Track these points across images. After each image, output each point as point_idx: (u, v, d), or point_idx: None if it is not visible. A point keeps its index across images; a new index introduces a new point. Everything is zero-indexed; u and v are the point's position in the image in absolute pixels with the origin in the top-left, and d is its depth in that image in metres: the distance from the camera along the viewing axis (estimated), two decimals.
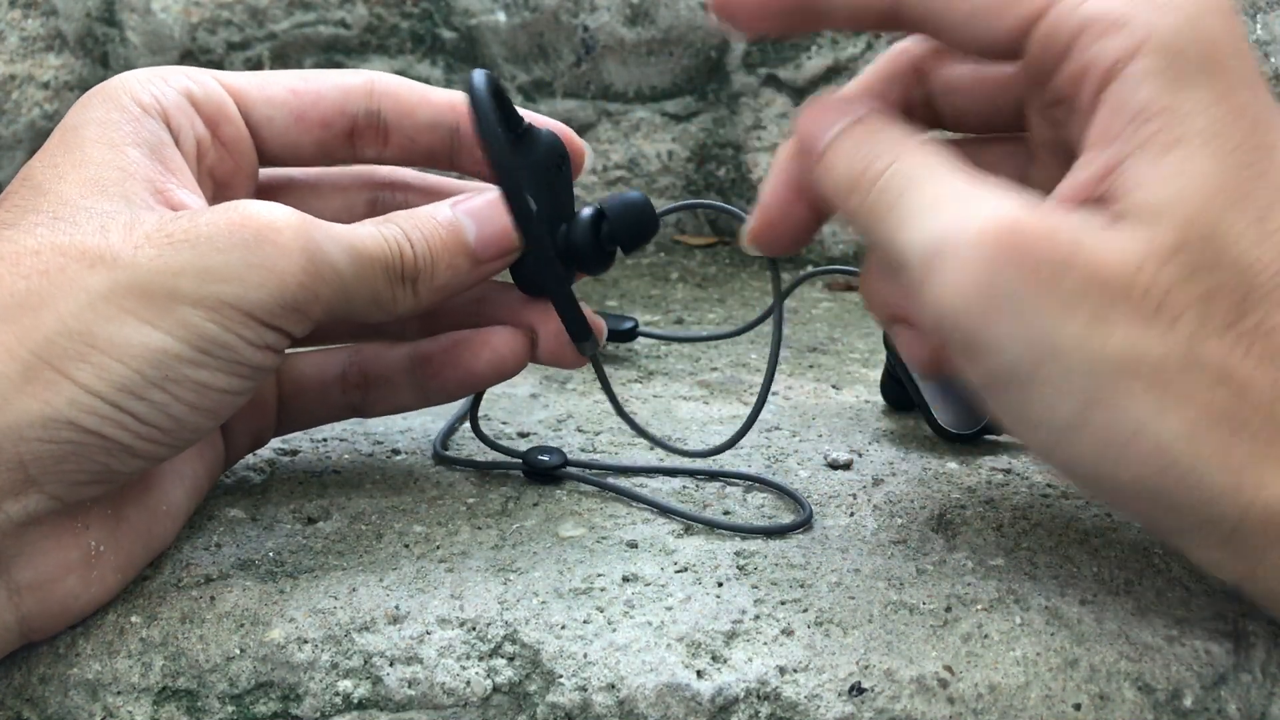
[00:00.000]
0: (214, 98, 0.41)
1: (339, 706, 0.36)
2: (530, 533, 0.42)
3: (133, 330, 0.34)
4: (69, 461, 0.34)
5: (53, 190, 0.36)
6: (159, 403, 0.34)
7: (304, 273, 0.35)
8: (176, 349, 0.34)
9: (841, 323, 0.69)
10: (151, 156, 0.38)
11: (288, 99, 0.42)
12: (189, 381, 0.35)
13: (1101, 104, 0.33)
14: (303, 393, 0.45)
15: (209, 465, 0.43)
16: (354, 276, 0.37)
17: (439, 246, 0.39)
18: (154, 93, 0.39)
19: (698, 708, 0.35)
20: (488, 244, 0.40)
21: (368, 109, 0.42)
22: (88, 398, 0.33)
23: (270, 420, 0.45)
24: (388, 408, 0.45)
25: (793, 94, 0.81)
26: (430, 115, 0.43)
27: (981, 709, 0.35)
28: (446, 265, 0.39)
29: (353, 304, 0.37)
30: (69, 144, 0.38)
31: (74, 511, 0.36)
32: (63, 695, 0.37)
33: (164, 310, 0.34)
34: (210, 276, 0.34)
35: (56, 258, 0.34)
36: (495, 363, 0.43)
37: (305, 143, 0.42)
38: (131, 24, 0.81)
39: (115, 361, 0.33)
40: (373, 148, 0.43)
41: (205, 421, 0.36)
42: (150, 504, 0.39)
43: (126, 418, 0.34)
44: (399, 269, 0.38)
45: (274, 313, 0.35)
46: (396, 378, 0.44)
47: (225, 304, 0.34)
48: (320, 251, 0.36)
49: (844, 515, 0.43)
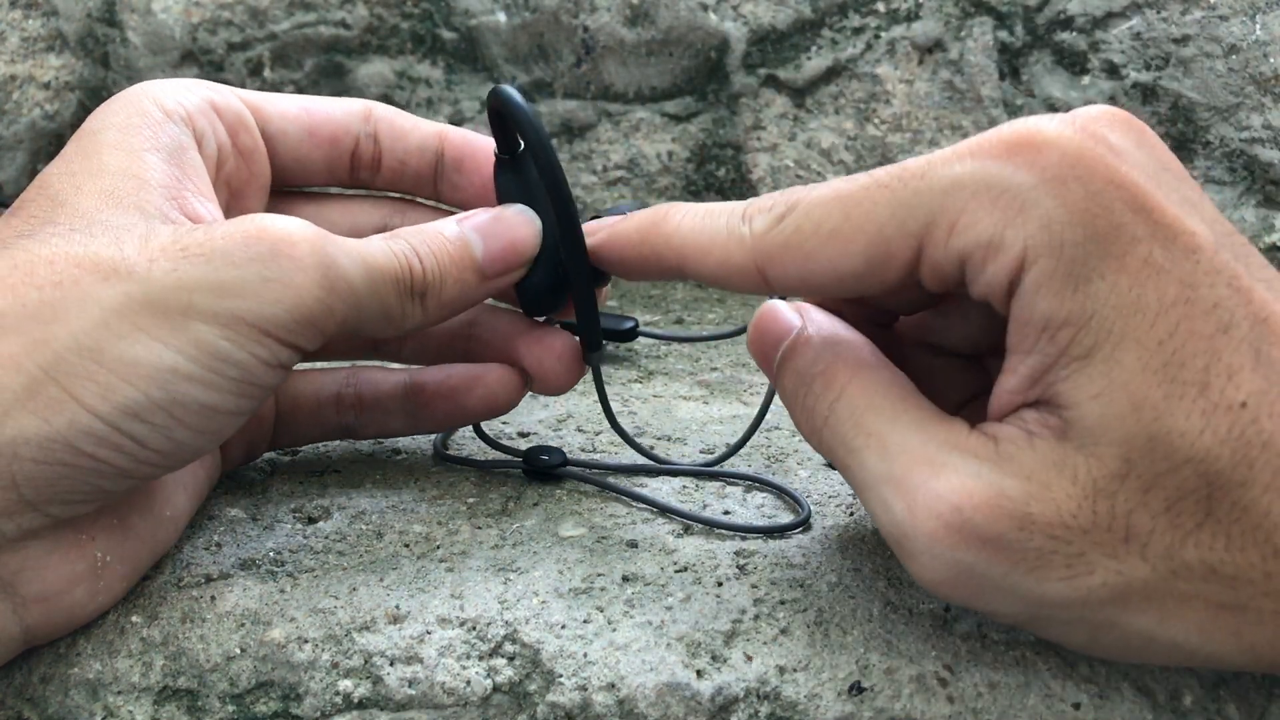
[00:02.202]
0: (233, 107, 0.42)
1: (339, 706, 0.36)
2: (530, 532, 0.42)
3: (143, 349, 0.33)
4: (62, 484, 0.34)
5: (69, 202, 0.36)
6: (161, 426, 0.34)
7: (320, 287, 0.35)
8: (186, 368, 0.34)
9: None
10: (170, 162, 0.38)
11: (300, 115, 0.43)
12: (195, 404, 0.34)
13: (1012, 318, 0.32)
14: (299, 410, 0.45)
15: (209, 471, 0.43)
16: (367, 291, 0.37)
17: (447, 261, 0.39)
18: (178, 98, 0.40)
19: (697, 707, 0.35)
20: (495, 259, 0.40)
21: (365, 131, 0.44)
22: (89, 419, 0.33)
23: (266, 434, 0.45)
24: (378, 430, 0.46)
25: (792, 94, 0.81)
26: (419, 139, 0.44)
27: (981, 708, 0.35)
28: (455, 280, 0.39)
29: (364, 318, 0.37)
30: (87, 150, 0.38)
31: (78, 524, 0.36)
32: (63, 695, 0.37)
33: (178, 327, 0.34)
34: (226, 292, 0.34)
35: (71, 269, 0.34)
36: (488, 399, 0.44)
37: (315, 158, 0.44)
38: (132, 24, 0.81)
39: (122, 382, 0.33)
40: (367, 170, 0.44)
41: (205, 444, 0.36)
42: (155, 511, 0.39)
43: (126, 441, 0.34)
44: (409, 283, 0.38)
45: (289, 328, 0.35)
46: (390, 403, 0.45)
47: (240, 320, 0.34)
48: (335, 266, 0.36)
49: (844, 515, 0.43)
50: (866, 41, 0.80)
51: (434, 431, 0.47)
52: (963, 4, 0.80)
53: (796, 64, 0.81)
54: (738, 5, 0.80)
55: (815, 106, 0.81)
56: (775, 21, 0.80)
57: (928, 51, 0.80)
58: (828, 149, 0.81)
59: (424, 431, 0.47)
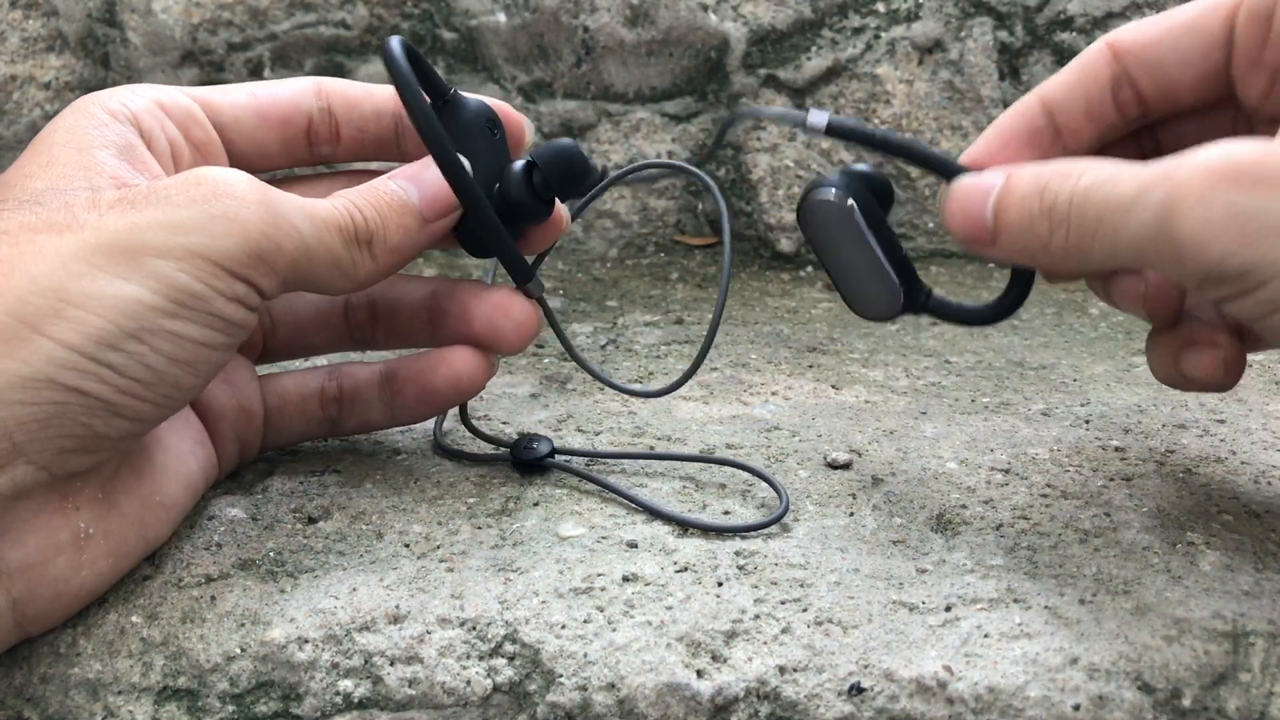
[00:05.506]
0: (181, 104, 0.43)
1: (339, 706, 0.36)
2: (530, 533, 0.42)
3: (105, 284, 0.35)
4: (53, 425, 0.34)
5: (20, 185, 0.38)
6: (136, 354, 0.35)
7: (264, 222, 0.37)
8: (150, 299, 0.35)
9: (841, 323, 0.69)
10: (119, 156, 0.39)
11: (249, 102, 0.44)
12: (164, 332, 0.35)
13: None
14: (286, 406, 0.47)
15: (204, 467, 0.43)
16: (314, 237, 0.38)
17: (387, 210, 0.41)
18: (123, 100, 0.41)
19: (697, 707, 0.35)
20: (430, 203, 0.42)
21: (319, 106, 0.45)
22: (65, 353, 0.34)
23: (257, 429, 0.46)
24: (360, 423, 0.48)
25: (792, 94, 0.81)
26: (374, 106, 0.45)
27: (981, 709, 0.35)
28: (397, 226, 0.41)
29: (316, 265, 0.39)
30: (38, 150, 0.39)
31: (64, 490, 0.36)
32: (63, 695, 0.37)
33: (134, 263, 0.35)
34: (176, 229, 0.36)
35: (25, 233, 0.35)
36: (452, 379, 0.45)
37: (270, 141, 0.45)
38: (132, 25, 0.81)
39: (91, 315, 0.34)
40: (328, 144, 0.45)
41: (185, 376, 0.37)
42: (143, 493, 0.39)
43: (105, 370, 0.35)
44: (352, 231, 0.40)
45: (241, 261, 0.36)
46: (369, 393, 0.47)
47: (193, 253, 0.36)
48: (278, 208, 0.38)
49: (844, 515, 0.43)
50: (866, 42, 0.80)
51: (412, 421, 0.48)
52: (963, 4, 0.80)
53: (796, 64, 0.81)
54: (738, 5, 0.80)
55: (815, 107, 0.81)
56: (775, 22, 0.80)
57: (928, 52, 0.80)
58: (828, 149, 0.81)
59: (403, 422, 0.48)
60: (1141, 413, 0.54)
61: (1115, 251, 0.35)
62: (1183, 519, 0.43)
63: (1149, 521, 0.42)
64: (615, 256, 0.83)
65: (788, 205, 0.81)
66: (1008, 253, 0.39)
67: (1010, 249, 0.38)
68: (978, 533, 0.42)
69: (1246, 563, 0.40)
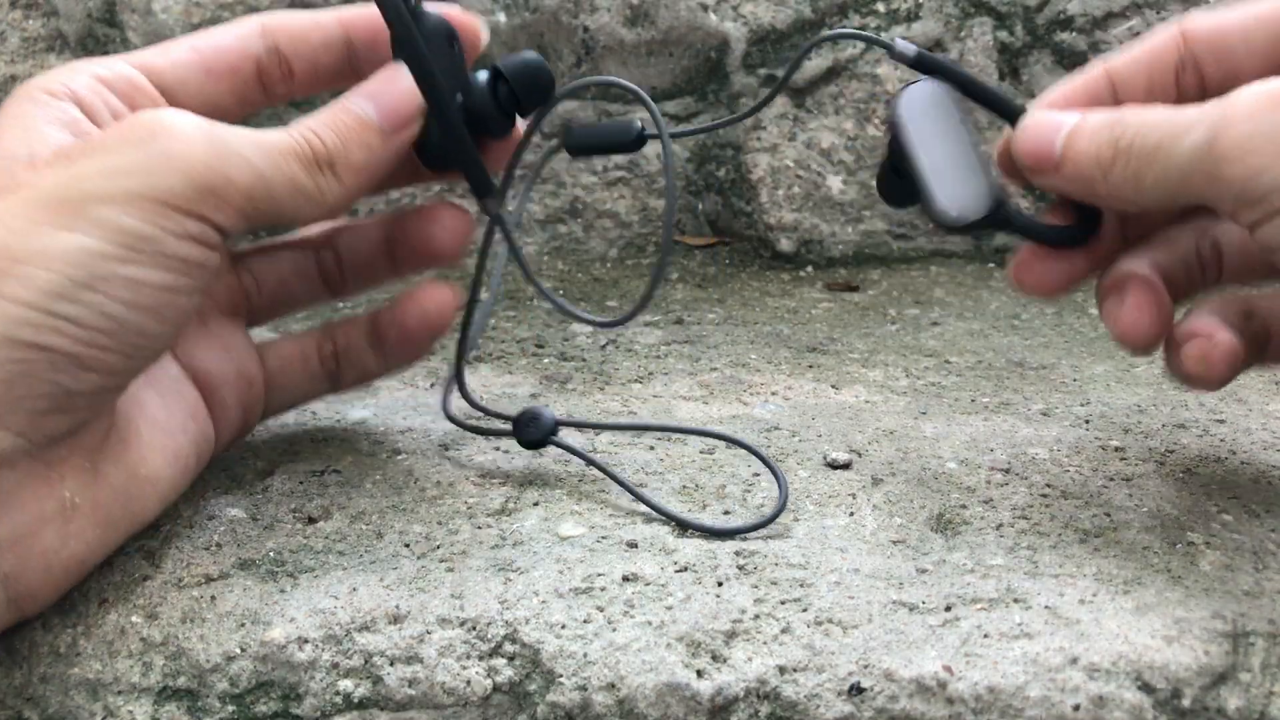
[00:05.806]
0: (122, 75, 0.42)
1: (339, 706, 0.36)
2: (530, 532, 0.42)
3: (49, 238, 0.34)
4: (19, 385, 0.34)
5: None
6: (93, 303, 0.35)
7: (208, 154, 0.36)
8: (98, 247, 0.35)
9: (841, 323, 0.69)
10: (65, 130, 0.39)
11: (192, 58, 0.43)
12: (119, 279, 0.35)
13: None
14: (287, 368, 0.48)
15: (195, 440, 0.43)
16: (268, 166, 0.38)
17: (346, 130, 0.40)
18: (61, 79, 0.41)
19: (697, 707, 0.35)
20: (390, 115, 0.41)
21: (265, 47, 0.44)
22: (20, 309, 0.34)
23: (259, 394, 0.46)
24: (359, 375, 0.49)
25: (792, 94, 0.81)
26: (323, 36, 0.45)
27: (981, 709, 0.35)
28: (359, 144, 0.41)
29: (277, 196, 0.38)
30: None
31: (48, 460, 0.36)
32: (63, 695, 0.37)
33: (78, 214, 0.35)
34: (116, 173, 0.35)
35: None
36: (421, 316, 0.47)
37: (221, 93, 0.44)
38: (132, 25, 0.81)
39: (39, 270, 0.34)
40: (283, 84, 0.45)
41: (150, 323, 0.36)
42: (128, 463, 0.39)
43: (63, 323, 0.34)
44: (311, 156, 0.39)
45: (188, 197, 0.36)
46: (360, 343, 0.48)
47: (136, 195, 0.35)
48: (222, 138, 0.37)
49: (844, 515, 0.43)
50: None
51: (402, 364, 0.49)
52: (963, 4, 0.80)
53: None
54: (738, 5, 0.80)
55: (815, 106, 0.81)
56: (775, 21, 0.80)
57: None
58: (828, 149, 0.81)
59: (394, 366, 0.49)
60: (1141, 413, 0.54)
61: (1167, 177, 0.38)
62: (1183, 519, 0.43)
63: (1149, 521, 0.42)
64: (615, 256, 0.83)
65: (788, 205, 0.81)
66: (1068, 180, 0.41)
67: (1072, 176, 0.41)
68: (978, 533, 0.42)
69: (1246, 563, 0.40)
